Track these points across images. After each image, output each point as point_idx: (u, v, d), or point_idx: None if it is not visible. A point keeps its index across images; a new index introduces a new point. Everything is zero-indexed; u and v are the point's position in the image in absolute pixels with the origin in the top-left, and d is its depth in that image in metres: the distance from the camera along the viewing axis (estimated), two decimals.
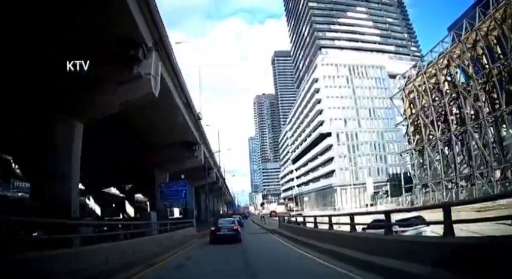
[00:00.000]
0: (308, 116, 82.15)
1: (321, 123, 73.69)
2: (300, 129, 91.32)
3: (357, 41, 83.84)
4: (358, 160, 69.91)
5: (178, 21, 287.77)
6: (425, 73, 39.41)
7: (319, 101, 74.55)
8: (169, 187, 25.04)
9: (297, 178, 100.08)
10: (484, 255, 4.49)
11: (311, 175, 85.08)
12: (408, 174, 51.22)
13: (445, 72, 37.78)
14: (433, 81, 39.32)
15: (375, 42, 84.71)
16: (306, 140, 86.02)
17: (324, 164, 75.72)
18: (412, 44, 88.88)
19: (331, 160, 71.20)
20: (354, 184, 66.42)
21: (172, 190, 24.87)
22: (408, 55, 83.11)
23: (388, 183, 63.75)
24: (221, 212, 61.81)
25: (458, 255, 4.91)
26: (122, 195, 48.75)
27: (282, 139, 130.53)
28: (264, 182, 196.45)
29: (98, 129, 14.67)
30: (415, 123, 43.57)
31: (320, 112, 74.32)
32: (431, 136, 40.25)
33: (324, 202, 75.46)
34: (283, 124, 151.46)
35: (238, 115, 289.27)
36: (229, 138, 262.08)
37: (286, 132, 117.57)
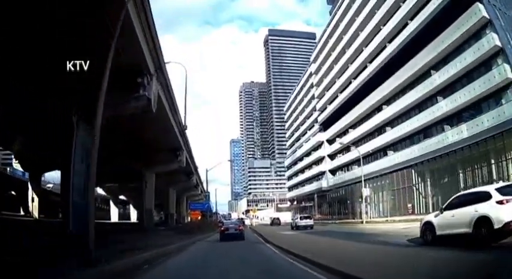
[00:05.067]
0: None
1: None
2: (363, 39, 47.88)
3: None
4: None
5: (174, 25, 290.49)
6: None
7: None
8: None
9: (332, 156, 60.64)
10: None
11: (410, 125, 38.01)
12: None
13: None
14: None
15: None
16: (384, 49, 42.69)
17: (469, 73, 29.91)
18: None
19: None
20: None
21: None
22: None
23: None
24: (186, 220, 59.75)
25: None
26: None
27: (289, 108, 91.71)
28: (250, 185, 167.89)
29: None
30: None
31: None
32: None
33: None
34: (277, 116, 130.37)
35: (223, 119, 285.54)
36: (210, 144, 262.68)
37: (307, 79, 74.04)
